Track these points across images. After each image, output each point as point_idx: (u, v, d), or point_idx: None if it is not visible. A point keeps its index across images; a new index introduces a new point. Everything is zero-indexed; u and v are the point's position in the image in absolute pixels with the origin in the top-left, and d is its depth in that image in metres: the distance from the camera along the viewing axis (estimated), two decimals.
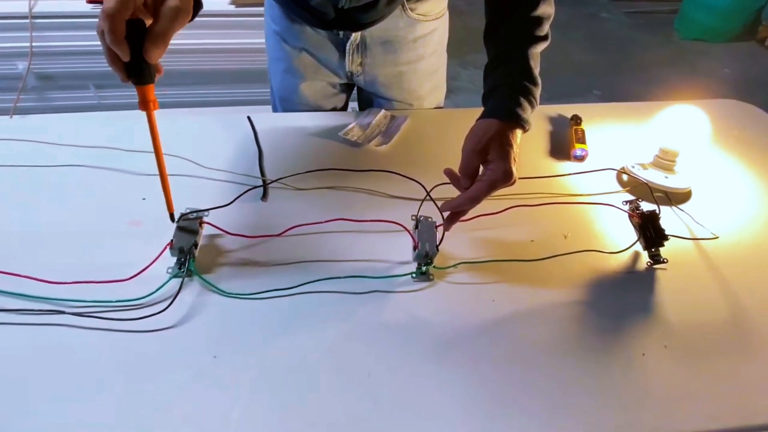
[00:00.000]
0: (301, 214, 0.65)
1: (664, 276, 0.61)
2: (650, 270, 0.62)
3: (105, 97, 1.98)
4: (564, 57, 2.77)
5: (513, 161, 0.56)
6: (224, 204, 0.63)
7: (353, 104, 1.02)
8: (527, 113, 0.59)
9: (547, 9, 0.63)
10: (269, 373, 0.48)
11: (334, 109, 0.96)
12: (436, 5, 0.86)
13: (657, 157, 0.74)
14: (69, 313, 0.51)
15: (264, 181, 0.71)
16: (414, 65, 0.90)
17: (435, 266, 0.59)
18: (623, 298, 0.58)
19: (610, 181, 0.75)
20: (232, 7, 1.79)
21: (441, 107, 1.00)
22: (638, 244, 0.63)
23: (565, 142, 0.83)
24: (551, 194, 0.72)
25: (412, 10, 0.84)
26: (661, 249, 0.62)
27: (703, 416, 0.48)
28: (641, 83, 2.62)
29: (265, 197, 0.69)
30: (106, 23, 0.44)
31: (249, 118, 0.85)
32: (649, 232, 0.61)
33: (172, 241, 0.56)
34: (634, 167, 0.75)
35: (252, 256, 0.60)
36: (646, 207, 0.64)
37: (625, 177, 0.75)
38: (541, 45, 0.63)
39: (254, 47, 1.79)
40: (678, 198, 0.72)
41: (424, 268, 0.58)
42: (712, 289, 0.60)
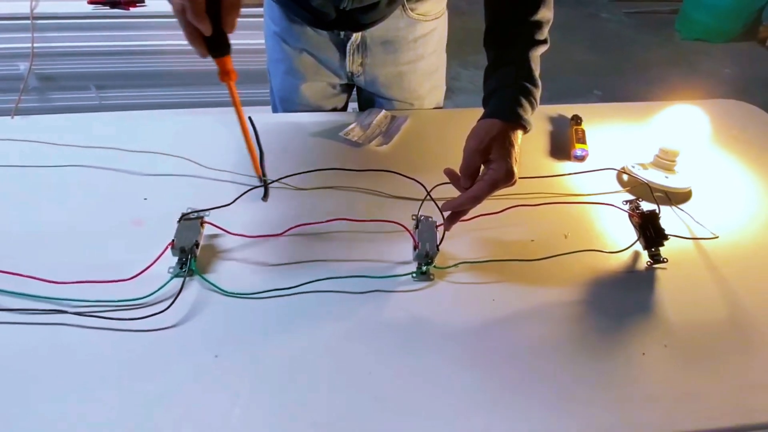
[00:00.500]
0: (302, 213, 0.65)
1: (664, 275, 0.61)
2: (650, 269, 0.62)
3: (106, 97, 1.99)
4: (565, 57, 2.77)
5: (514, 161, 0.56)
6: (225, 204, 0.63)
7: (353, 104, 1.02)
8: (528, 114, 0.60)
9: (546, 13, 0.64)
10: (270, 372, 0.49)
11: (334, 109, 0.96)
12: (435, 5, 0.87)
13: (657, 157, 0.75)
14: (70, 312, 0.51)
15: (265, 181, 0.71)
16: (414, 65, 0.90)
17: (435, 266, 0.59)
18: (623, 298, 0.58)
19: (610, 181, 0.75)
20: None
21: (440, 107, 1.00)
22: (638, 243, 0.63)
23: (565, 142, 0.83)
24: (551, 194, 0.72)
25: (412, 10, 0.85)
26: (661, 249, 0.62)
27: (702, 415, 0.48)
28: (642, 83, 2.62)
29: (266, 197, 0.69)
30: (190, 2, 0.45)
31: (250, 118, 0.85)
32: (649, 232, 0.61)
33: (173, 240, 0.56)
34: (634, 167, 0.75)
35: (253, 255, 0.60)
36: (646, 207, 0.65)
37: (625, 177, 0.75)
38: (541, 48, 0.64)
39: (254, 48, 1.79)
40: (678, 198, 0.72)
41: (424, 268, 0.58)
42: (711, 288, 0.60)
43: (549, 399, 0.48)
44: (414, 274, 0.58)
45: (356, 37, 0.84)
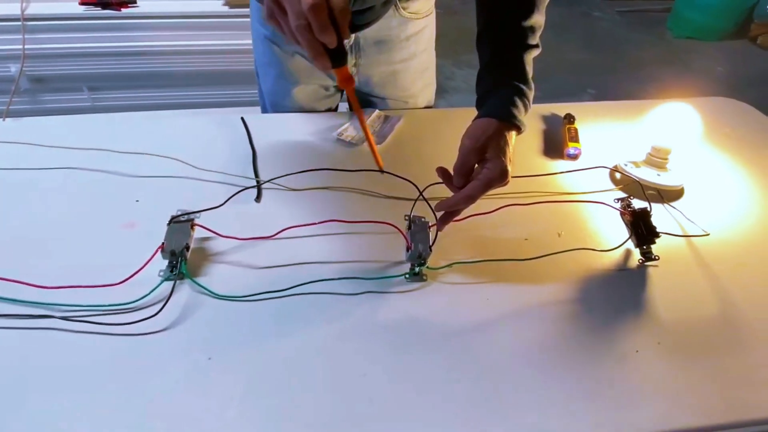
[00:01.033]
0: (295, 214, 0.65)
1: (656, 273, 0.61)
2: (642, 267, 0.62)
3: (98, 99, 1.97)
4: (558, 56, 2.78)
5: (509, 161, 0.57)
6: (216, 205, 0.63)
7: (344, 104, 1.02)
8: (522, 115, 0.60)
9: (539, 19, 0.65)
10: (263, 374, 0.48)
11: (327, 110, 0.96)
12: (426, 3, 0.87)
13: (649, 155, 0.75)
14: (58, 317, 0.50)
15: (257, 182, 0.71)
16: (407, 63, 0.90)
17: (428, 267, 0.59)
18: (616, 296, 0.58)
19: (603, 179, 0.76)
20: (226, 8, 1.79)
21: (432, 105, 1.00)
22: (630, 241, 0.63)
23: (558, 141, 0.83)
24: (545, 193, 0.72)
25: (404, 8, 0.85)
26: (652, 246, 0.62)
27: (696, 412, 0.48)
28: (635, 82, 2.64)
29: (258, 198, 0.69)
30: (312, 15, 0.44)
31: (243, 119, 0.85)
32: (641, 230, 0.61)
33: (163, 244, 0.56)
34: (626, 165, 0.75)
35: (245, 258, 0.59)
36: (638, 205, 0.65)
37: (618, 175, 0.76)
38: (534, 52, 0.65)
39: (247, 48, 1.79)
40: (670, 195, 0.72)
41: (417, 269, 0.58)
42: (703, 285, 0.60)
43: (543, 398, 0.48)
44: (407, 275, 0.58)
45: (350, 38, 0.84)
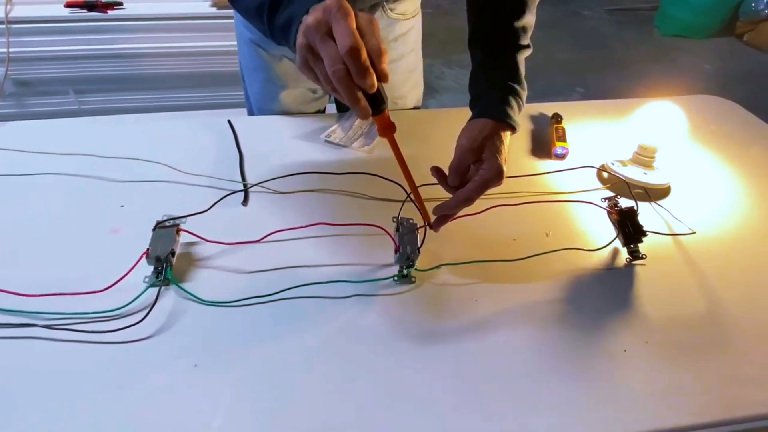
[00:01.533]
0: (283, 218, 0.65)
1: (644, 272, 0.61)
2: (630, 266, 0.62)
3: (85, 102, 1.96)
4: (547, 55, 2.79)
5: (504, 161, 0.57)
6: (202, 210, 0.62)
7: (331, 106, 1.01)
8: (516, 115, 0.61)
9: (530, 19, 0.65)
10: (250, 381, 0.48)
11: (315, 113, 0.95)
12: (412, 3, 0.87)
13: (636, 153, 0.75)
14: (41, 326, 0.50)
15: (244, 185, 0.70)
16: (395, 64, 0.90)
17: (417, 269, 0.59)
18: (604, 295, 0.59)
19: (590, 179, 0.76)
20: (213, 10, 1.78)
21: (420, 105, 1.00)
22: (618, 240, 0.63)
23: (546, 141, 0.83)
24: (533, 193, 0.72)
25: (391, 10, 0.85)
26: (639, 245, 0.62)
27: (685, 412, 0.48)
28: (623, 80, 2.65)
29: (245, 202, 0.68)
30: (350, 59, 0.42)
31: (229, 121, 0.84)
32: (628, 229, 0.61)
33: (148, 249, 0.55)
34: (613, 164, 0.75)
35: (231, 263, 0.59)
36: (626, 204, 0.65)
37: (605, 174, 0.76)
38: (526, 52, 0.66)
39: (226, 50, 1.78)
40: (657, 194, 0.73)
41: (405, 271, 0.58)
42: (690, 283, 0.60)
43: (532, 398, 0.48)
44: (395, 278, 0.58)
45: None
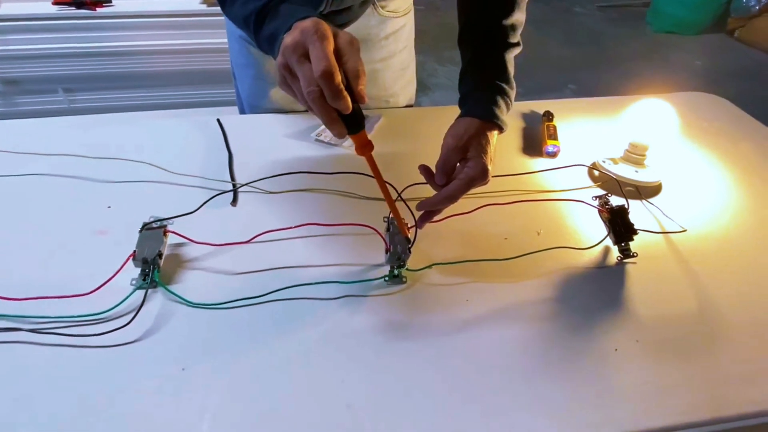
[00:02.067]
0: (272, 218, 0.64)
1: (635, 270, 0.61)
2: (621, 264, 0.62)
3: (75, 100, 1.94)
4: (539, 52, 2.79)
5: (490, 160, 0.57)
6: (190, 211, 0.61)
7: None
8: (504, 115, 0.61)
9: (520, 17, 0.65)
10: (239, 384, 0.47)
11: (306, 111, 0.94)
12: (404, 1, 0.86)
13: (627, 151, 0.75)
14: (26, 330, 0.49)
15: (233, 185, 0.70)
16: (387, 62, 0.89)
17: (408, 269, 0.58)
18: (595, 294, 0.58)
19: (582, 177, 0.76)
20: (204, 6, 1.76)
21: (413, 104, 1.00)
22: (609, 239, 0.63)
23: (537, 139, 0.83)
24: (524, 191, 0.72)
25: (383, 7, 0.84)
26: (630, 243, 0.62)
27: (676, 411, 0.48)
28: (616, 77, 2.66)
29: (234, 202, 0.68)
30: (324, 81, 0.42)
31: (219, 120, 0.83)
32: (619, 227, 0.61)
33: (134, 251, 0.55)
34: (605, 162, 0.75)
35: (220, 264, 0.58)
36: (617, 202, 0.65)
37: (596, 172, 0.76)
38: (515, 50, 0.65)
39: (217, 47, 1.77)
40: (648, 192, 0.73)
41: (396, 271, 0.58)
42: (681, 282, 0.60)
43: (523, 398, 0.48)
44: (386, 278, 0.58)
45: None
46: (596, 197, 0.65)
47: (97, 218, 0.63)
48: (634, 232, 0.61)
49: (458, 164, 0.58)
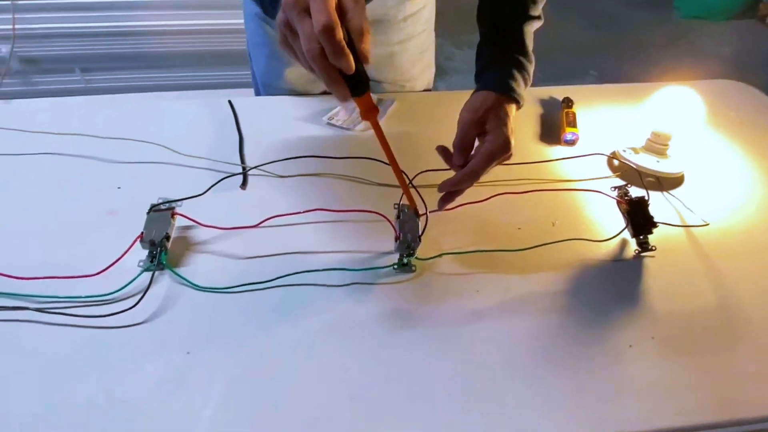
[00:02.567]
0: (282, 202, 0.63)
1: (653, 264, 0.59)
2: (638, 258, 0.60)
3: (92, 80, 1.94)
4: (560, 36, 2.72)
5: (511, 132, 0.55)
6: (198, 193, 0.61)
7: None
8: (522, 89, 0.59)
9: None
10: (243, 370, 0.47)
11: (322, 94, 0.93)
12: None
13: (649, 140, 0.72)
14: (32, 309, 0.49)
15: (243, 168, 0.69)
16: (404, 44, 0.87)
17: (417, 257, 0.57)
18: (610, 288, 0.57)
19: (600, 166, 0.73)
20: None
21: (430, 88, 0.97)
22: (627, 231, 0.61)
23: (556, 126, 0.81)
24: (540, 180, 0.69)
25: None
26: (649, 236, 0.60)
27: (690, 410, 0.46)
28: (640, 63, 2.58)
29: (244, 185, 0.67)
30: (325, 37, 0.40)
31: (230, 102, 0.82)
32: (638, 219, 0.59)
33: (142, 233, 0.54)
34: (625, 151, 0.73)
35: (227, 248, 0.58)
36: (637, 193, 0.62)
37: (616, 162, 0.73)
38: (535, 24, 0.63)
39: (234, 28, 1.75)
40: (669, 183, 0.70)
41: (405, 260, 0.56)
42: (701, 277, 0.58)
43: (533, 394, 0.47)
44: (395, 266, 0.56)
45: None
46: (615, 188, 0.63)
47: (108, 198, 0.63)
48: (654, 225, 0.59)
49: (477, 140, 0.56)
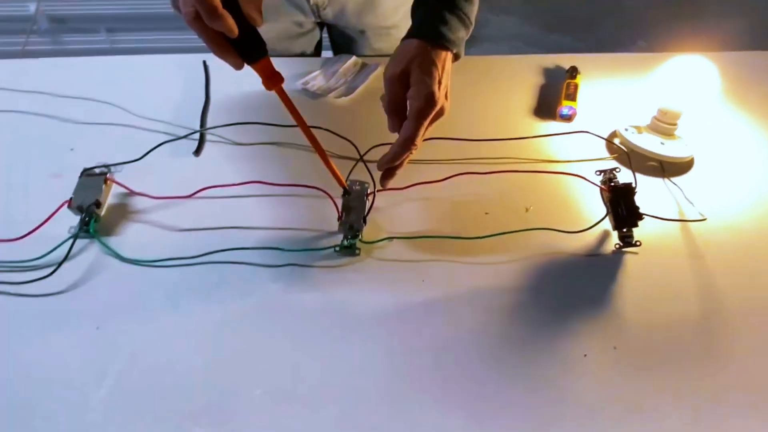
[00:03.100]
0: (235, 172, 0.59)
1: (634, 262, 0.51)
2: (618, 254, 0.52)
3: (116, 41, 1.95)
4: (608, 1, 2.50)
5: (437, 84, 0.47)
6: (135, 158, 0.57)
7: (327, 53, 0.92)
8: (456, 33, 0.50)
9: None
10: (149, 350, 0.44)
11: (302, 54, 0.87)
12: None
13: (655, 118, 0.63)
14: None
15: (200, 132, 0.65)
16: None
17: (362, 240, 0.52)
18: (579, 286, 0.50)
19: (598, 147, 0.64)
20: None
21: None
22: (610, 223, 0.53)
23: (555, 99, 0.72)
24: (518, 160, 0.61)
25: None
26: (635, 230, 0.52)
27: None
28: (696, 32, 2.34)
29: (198, 152, 0.63)
30: (199, 1, 0.37)
31: (204, 62, 0.78)
32: (620, 210, 0.51)
33: (71, 198, 0.51)
34: (627, 130, 0.64)
35: (164, 219, 0.54)
36: (636, 179, 0.54)
37: (617, 141, 0.64)
38: None
39: None
40: (673, 169, 0.61)
41: (348, 242, 0.51)
42: (688, 281, 0.50)
43: (464, 399, 0.42)
44: (337, 248, 0.52)
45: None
46: (600, 172, 0.55)
47: (56, 161, 0.61)
48: (639, 216, 0.51)
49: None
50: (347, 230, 0.51)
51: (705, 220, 0.54)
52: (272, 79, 0.43)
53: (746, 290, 0.49)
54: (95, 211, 0.52)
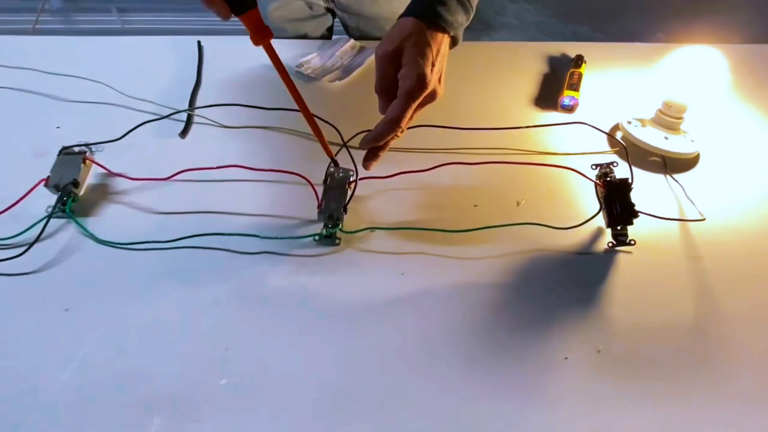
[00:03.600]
0: (222, 155, 0.57)
1: (627, 261, 0.49)
2: (611, 252, 0.50)
3: (128, 21, 1.95)
4: None
5: (430, 65, 0.45)
6: (115, 138, 0.56)
7: (338, 27, 0.90)
8: (455, 15, 0.47)
9: None
10: (116, 334, 0.43)
11: (305, 36, 0.85)
12: None
13: (659, 111, 0.60)
14: None
15: (189, 115, 0.63)
16: None
17: (343, 229, 0.50)
18: (565, 285, 0.47)
19: (599, 139, 0.62)
20: None
21: None
22: (603, 220, 0.51)
23: (558, 88, 0.69)
24: (512, 151, 0.59)
25: None
26: (629, 228, 0.49)
27: None
28: (717, 26, 2.26)
29: (184, 134, 0.62)
30: None
31: (199, 42, 0.76)
32: (614, 206, 0.49)
33: (48, 177, 0.50)
34: (630, 123, 0.61)
35: (143, 201, 0.53)
36: (637, 174, 0.51)
37: (619, 134, 0.61)
38: None
39: None
40: (677, 165, 0.58)
41: (328, 231, 0.50)
42: (682, 284, 0.47)
43: (435, 398, 0.40)
44: (316, 237, 0.50)
45: None
46: (596, 166, 0.53)
47: (42, 138, 0.60)
48: (634, 214, 0.48)
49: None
50: (326, 218, 0.49)
51: (704, 220, 0.51)
52: (259, 33, 0.41)
53: (744, 295, 0.46)
54: (73, 190, 0.51)
